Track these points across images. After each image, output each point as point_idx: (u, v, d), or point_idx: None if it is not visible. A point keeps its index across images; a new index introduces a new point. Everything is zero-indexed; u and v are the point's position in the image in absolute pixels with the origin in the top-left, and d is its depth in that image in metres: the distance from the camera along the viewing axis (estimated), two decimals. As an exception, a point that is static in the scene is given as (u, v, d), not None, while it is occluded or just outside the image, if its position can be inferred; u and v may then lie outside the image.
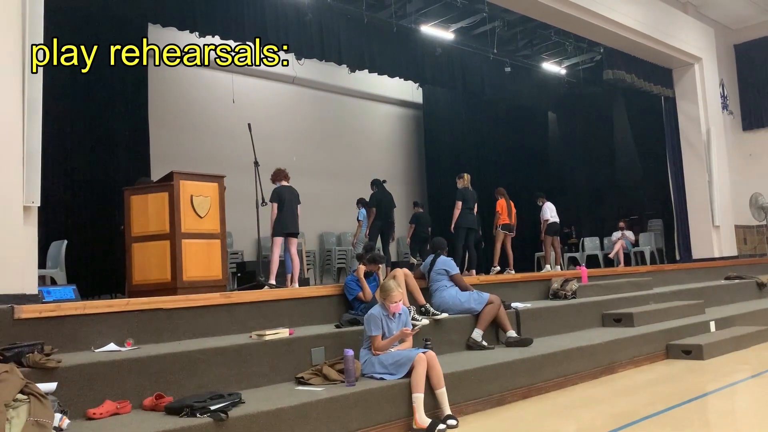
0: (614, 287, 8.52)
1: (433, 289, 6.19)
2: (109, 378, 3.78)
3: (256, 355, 4.41)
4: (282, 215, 6.78)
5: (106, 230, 7.94)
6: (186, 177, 5.70)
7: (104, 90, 8.50)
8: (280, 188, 6.95)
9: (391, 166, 13.66)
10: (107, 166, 8.43)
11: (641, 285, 8.91)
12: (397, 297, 4.64)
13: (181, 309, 4.76)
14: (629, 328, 6.93)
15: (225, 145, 10.67)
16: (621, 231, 12.45)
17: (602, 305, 7.52)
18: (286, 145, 11.68)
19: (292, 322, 5.29)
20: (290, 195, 6.95)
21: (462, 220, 8.71)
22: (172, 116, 10.38)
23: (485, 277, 8.05)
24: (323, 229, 12.30)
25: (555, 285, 7.78)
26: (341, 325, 5.22)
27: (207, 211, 5.75)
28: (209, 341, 4.57)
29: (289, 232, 6.87)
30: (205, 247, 5.71)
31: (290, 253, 7.02)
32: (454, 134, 14.08)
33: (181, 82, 10.68)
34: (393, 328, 4.64)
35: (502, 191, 9.84)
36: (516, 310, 6.40)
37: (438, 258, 6.33)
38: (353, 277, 5.79)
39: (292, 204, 6.94)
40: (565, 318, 6.95)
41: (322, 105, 12.72)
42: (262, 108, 11.63)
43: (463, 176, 8.98)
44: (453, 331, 5.77)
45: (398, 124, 14.38)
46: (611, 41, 11.29)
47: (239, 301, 5.12)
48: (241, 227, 9.59)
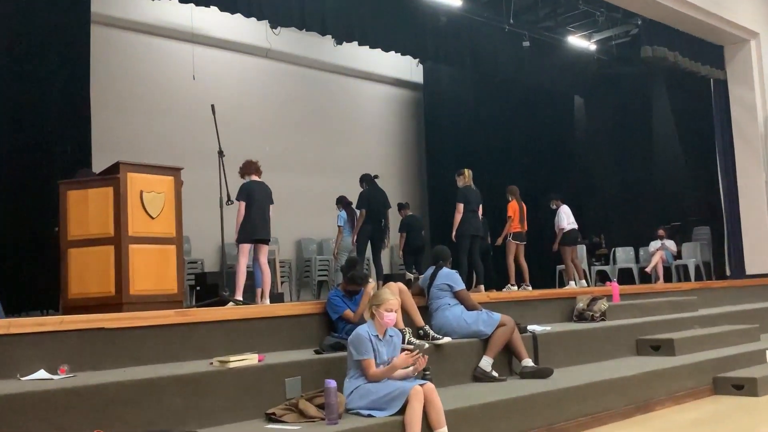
0: (651, 308, 8.55)
1: (434, 308, 6.20)
2: (38, 412, 3.75)
3: (218, 385, 4.39)
4: (250, 217, 6.78)
5: (36, 233, 7.87)
6: (135, 169, 5.67)
7: (34, 62, 8.44)
8: (250, 184, 6.95)
9: (384, 158, 13.69)
10: (38, 155, 8.35)
11: (684, 305, 8.95)
12: (394, 305, 4.65)
13: (128, 329, 4.74)
14: (669, 358, 6.96)
15: (183, 130, 10.66)
16: (660, 240, 12.50)
17: (637, 329, 7.55)
18: (258, 132, 11.68)
19: (263, 347, 5.26)
20: (261, 193, 6.95)
21: (465, 226, 8.72)
22: (118, 95, 10.35)
23: (496, 294, 8.05)
24: (301, 234, 12.29)
25: (580, 305, 7.80)
26: (322, 351, 5.21)
27: (160, 210, 5.73)
28: (161, 368, 4.55)
29: (258, 237, 6.87)
30: (158, 255, 5.68)
31: (260, 263, 7.02)
32: (461, 122, 14.13)
33: (131, 53, 10.67)
34: (383, 352, 4.63)
35: (514, 190, 9.86)
36: (533, 335, 6.41)
37: (439, 271, 6.34)
38: (338, 292, 5.78)
39: (263, 204, 6.94)
40: (593, 344, 6.97)
41: (301, 84, 12.73)
42: (229, 86, 11.63)
43: (463, 173, 8.99)
44: (457, 358, 5.77)
45: (394, 108, 14.41)
46: (651, 11, 11.36)
47: (198, 320, 5.10)
48: (201, 231, 9.57)
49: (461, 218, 8.72)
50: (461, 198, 8.79)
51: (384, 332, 4.65)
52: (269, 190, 7.11)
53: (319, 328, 5.72)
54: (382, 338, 4.64)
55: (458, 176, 9.02)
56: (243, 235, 6.81)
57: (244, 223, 6.80)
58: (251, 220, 6.79)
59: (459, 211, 8.74)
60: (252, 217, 6.80)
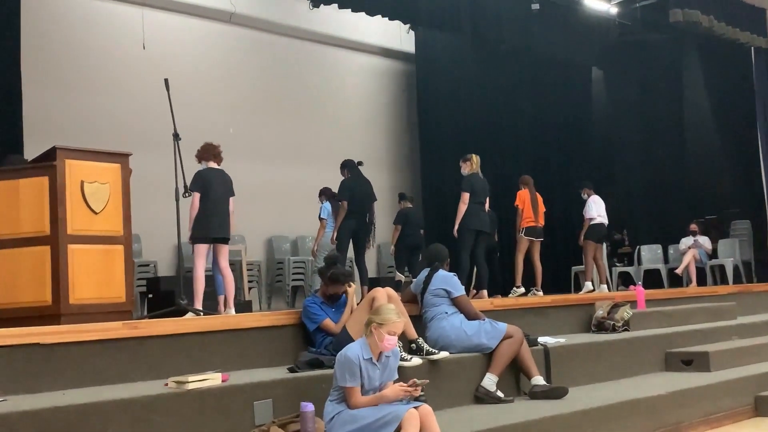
0: (683, 315, 8.59)
1: (429, 318, 6.20)
2: (-39, 444, 3.74)
3: (174, 410, 4.37)
4: (206, 212, 6.73)
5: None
6: (75, 155, 5.64)
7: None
8: (207, 172, 6.91)
9: (369, 142, 13.67)
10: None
11: (720, 312, 9.01)
12: (399, 328, 4.65)
13: (67, 344, 4.71)
14: (703, 374, 6.99)
15: (131, 110, 10.60)
16: (693, 237, 12.58)
17: (666, 341, 7.59)
18: (220, 111, 11.63)
19: (227, 365, 5.26)
20: (220, 183, 6.92)
21: (469, 219, 8.75)
22: (55, 68, 10.27)
23: (501, 300, 8.07)
24: (273, 231, 12.26)
25: (600, 312, 7.83)
26: (297, 369, 5.21)
27: (104, 203, 5.70)
28: (107, 391, 4.53)
29: (216, 236, 6.84)
30: (103, 256, 5.66)
31: (220, 266, 7.00)
32: (460, 99, 14.14)
33: (70, 19, 10.58)
34: (375, 377, 4.60)
35: (527, 180, 9.92)
36: (545, 348, 6.43)
37: (435, 273, 6.33)
38: (315, 299, 5.77)
39: (222, 196, 6.91)
40: (614, 359, 7.00)
41: (271, 55, 12.68)
42: (186, 57, 11.57)
43: (470, 158, 9.03)
44: (456, 376, 5.78)
45: (381, 82, 14.39)
46: (681, -32, 11.40)
47: (151, 333, 5.08)
48: (153, 228, 9.52)
49: (465, 210, 8.73)
50: (467, 186, 8.81)
51: (379, 354, 4.64)
52: (230, 180, 7.08)
53: (294, 342, 5.71)
54: (376, 361, 4.61)
55: (463, 162, 9.05)
56: (198, 234, 6.76)
57: (199, 219, 6.74)
58: (207, 215, 6.74)
59: (464, 201, 8.76)
60: (208, 212, 6.75)
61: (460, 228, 8.77)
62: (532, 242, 9.68)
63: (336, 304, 5.82)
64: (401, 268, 10.33)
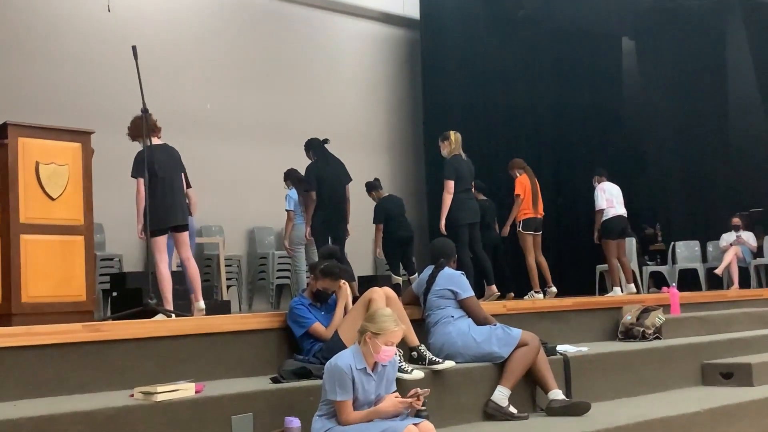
0: (723, 322, 8.60)
1: (433, 322, 6.21)
2: None
3: (140, 425, 4.37)
4: (157, 198, 6.58)
5: None
6: (29, 132, 5.64)
7: None
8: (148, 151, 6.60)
9: (367, 120, 13.67)
10: None
11: (766, 319, 9.02)
12: (396, 337, 4.64)
13: (19, 349, 4.70)
14: (746, 389, 6.98)
15: (95, 81, 10.59)
16: (735, 232, 12.58)
17: (703, 351, 7.58)
18: (196, 83, 11.62)
19: (202, 373, 5.26)
20: (167, 159, 6.74)
21: (458, 212, 8.68)
22: (7, 34, 10.25)
23: (515, 303, 8.07)
24: (255, 222, 12.26)
25: (628, 318, 7.84)
26: (282, 379, 5.21)
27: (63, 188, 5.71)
28: (64, 402, 4.52)
29: (174, 224, 6.79)
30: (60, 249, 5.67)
31: (181, 257, 6.96)
32: (470, 71, 14.09)
33: (23, -24, 10.57)
34: (370, 389, 4.61)
35: (521, 163, 9.91)
36: (564, 357, 6.43)
37: (440, 272, 6.35)
38: (303, 300, 5.77)
39: (172, 174, 6.74)
40: (643, 370, 6.99)
41: (255, 20, 12.66)
42: (157, 22, 11.56)
43: (448, 137, 8.89)
44: (463, 389, 5.77)
45: (380, 52, 14.36)
46: None
47: (115, 337, 5.07)
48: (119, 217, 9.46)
49: (452, 200, 8.67)
50: (450, 172, 8.70)
51: (375, 363, 4.64)
52: (177, 154, 6.90)
53: (278, 348, 5.71)
54: (371, 371, 4.62)
55: (442, 142, 8.96)
56: (153, 224, 6.51)
57: (151, 207, 6.51)
58: (159, 201, 6.58)
59: (449, 190, 8.67)
60: (159, 198, 6.59)
61: (450, 224, 8.67)
62: (534, 237, 9.67)
63: (327, 305, 5.81)
64: (396, 269, 10.29)
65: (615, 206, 10.29)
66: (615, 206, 10.29)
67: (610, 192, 10.30)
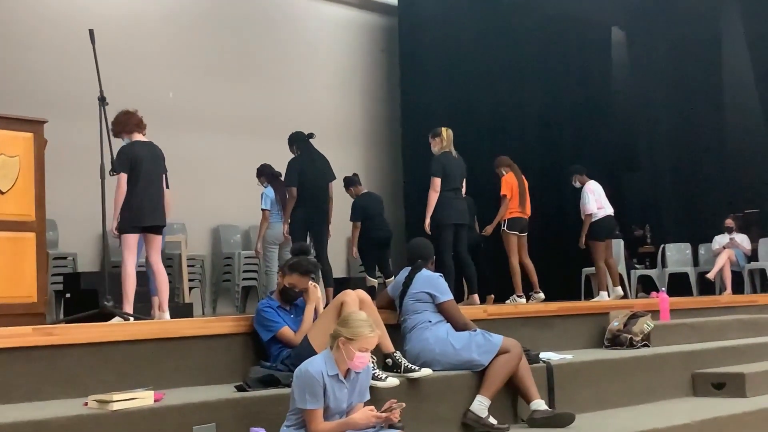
0: (715, 329, 8.64)
1: (409, 327, 6.21)
2: None
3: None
4: (136, 196, 6.69)
5: None
6: (-24, 121, 5.62)
7: None
8: (133, 147, 6.81)
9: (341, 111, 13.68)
10: None
11: (760, 326, 9.09)
12: (371, 343, 4.65)
13: (-35, 353, 4.69)
14: (738, 400, 7.03)
15: (47, 67, 10.54)
16: (729, 234, 12.66)
17: (694, 359, 7.63)
18: (157, 70, 11.59)
19: (161, 381, 5.25)
20: (150, 158, 6.86)
21: (444, 211, 8.76)
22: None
23: (496, 308, 8.10)
24: (220, 219, 12.25)
25: (615, 324, 7.88)
26: (247, 387, 5.20)
27: (13, 182, 5.69)
28: (13, 410, 4.50)
29: (149, 224, 6.84)
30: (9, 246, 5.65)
31: (150, 261, 6.99)
32: (451, 61, 14.13)
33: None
34: (342, 398, 4.62)
35: (508, 161, 9.98)
36: (547, 365, 6.46)
37: (418, 274, 6.35)
38: (271, 302, 5.77)
39: (153, 174, 6.85)
40: (631, 380, 7.03)
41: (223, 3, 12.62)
42: (116, 4, 11.50)
43: (440, 133, 9.01)
44: (440, 398, 5.78)
45: (355, 39, 14.36)
46: None
47: (68, 341, 5.05)
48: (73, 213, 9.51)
49: (438, 200, 8.74)
50: (437, 169, 8.79)
51: (347, 371, 4.65)
52: (161, 154, 6.99)
53: (244, 354, 5.71)
54: (344, 378, 4.63)
55: (432, 138, 9.06)
56: (126, 222, 6.69)
57: (127, 204, 6.68)
58: (138, 199, 6.68)
59: (435, 188, 8.76)
60: (138, 196, 6.69)
61: (435, 223, 8.76)
62: (519, 238, 9.71)
63: (296, 309, 5.82)
64: (372, 270, 10.32)
65: (604, 207, 10.37)
66: (604, 207, 10.37)
67: (597, 192, 10.38)
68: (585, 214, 10.36)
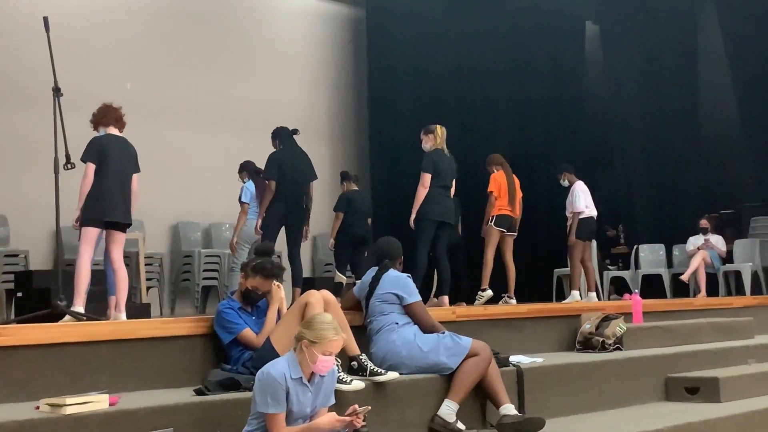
0: (688, 332, 8.70)
1: (375, 329, 6.20)
2: None
3: (46, 442, 4.33)
4: (101, 188, 6.67)
5: None
6: None
7: None
8: (105, 139, 6.85)
9: (307, 105, 13.66)
10: None
11: (734, 330, 9.15)
12: (335, 347, 4.64)
13: None
14: (712, 405, 7.07)
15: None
16: (703, 235, 12.75)
17: (667, 363, 7.67)
18: (115, 59, 11.52)
19: (117, 384, 5.23)
20: (121, 154, 6.87)
21: (430, 206, 8.79)
22: None
23: (465, 309, 8.12)
24: (179, 216, 12.22)
25: (587, 326, 7.90)
26: (207, 390, 5.17)
27: (-39, 174, 5.60)
28: (-42, 415, 4.45)
29: (112, 219, 6.77)
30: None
31: (111, 259, 6.92)
32: (420, 54, 14.15)
33: None
34: (306, 402, 4.62)
35: (499, 159, 9.99)
36: (517, 369, 6.47)
37: (385, 274, 6.35)
38: (232, 303, 5.77)
39: (123, 170, 6.85)
40: (603, 384, 7.05)
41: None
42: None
43: (433, 130, 9.08)
44: (407, 402, 5.78)
45: (322, 31, 14.37)
46: None
47: (18, 342, 5.03)
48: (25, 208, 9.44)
49: (426, 195, 8.77)
50: (428, 166, 8.84)
51: (311, 374, 4.65)
52: (134, 152, 7.02)
53: (203, 357, 5.70)
54: (307, 381, 4.62)
55: (425, 135, 9.10)
56: (89, 214, 6.66)
57: (90, 198, 6.65)
58: (102, 192, 6.65)
59: (424, 184, 8.80)
60: (104, 189, 6.67)
61: (419, 218, 8.80)
62: (504, 236, 9.71)
63: (258, 310, 5.81)
64: (342, 267, 10.34)
65: (590, 207, 10.47)
66: (590, 207, 10.47)
67: (586, 193, 10.48)
68: (574, 211, 10.43)
